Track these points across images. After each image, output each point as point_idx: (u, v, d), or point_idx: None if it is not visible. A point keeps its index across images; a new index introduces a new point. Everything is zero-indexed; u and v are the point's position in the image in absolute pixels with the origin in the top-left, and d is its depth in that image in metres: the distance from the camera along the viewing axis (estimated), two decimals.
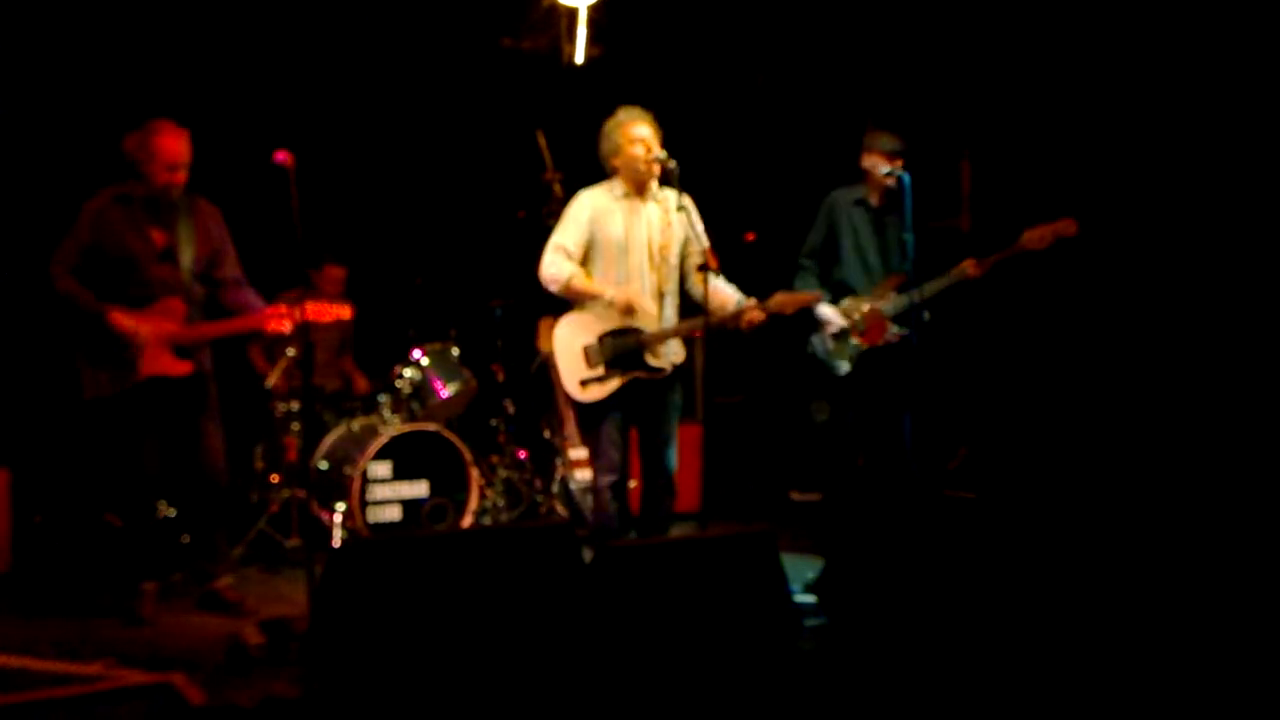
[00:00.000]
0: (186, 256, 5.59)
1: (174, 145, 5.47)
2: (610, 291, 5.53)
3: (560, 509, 7.43)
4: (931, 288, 6.17)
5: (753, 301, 5.56)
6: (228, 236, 5.75)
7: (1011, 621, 4.84)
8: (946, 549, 5.09)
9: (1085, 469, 6.87)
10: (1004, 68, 7.50)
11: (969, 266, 6.06)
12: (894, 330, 6.30)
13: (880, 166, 6.21)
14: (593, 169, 5.80)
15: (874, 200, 6.42)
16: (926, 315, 6.17)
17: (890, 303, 6.31)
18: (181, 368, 5.53)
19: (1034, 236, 5.97)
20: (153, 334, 5.46)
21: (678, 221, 5.63)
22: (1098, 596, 5.06)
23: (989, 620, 4.84)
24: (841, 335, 6.34)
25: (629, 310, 5.51)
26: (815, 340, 6.49)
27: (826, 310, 6.29)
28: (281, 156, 5.04)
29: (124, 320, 5.39)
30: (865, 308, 5.83)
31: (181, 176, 5.53)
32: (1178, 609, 5.07)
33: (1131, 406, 6.76)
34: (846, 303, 6.26)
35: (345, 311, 5.62)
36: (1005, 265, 6.12)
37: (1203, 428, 6.43)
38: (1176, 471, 6.40)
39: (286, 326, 5.53)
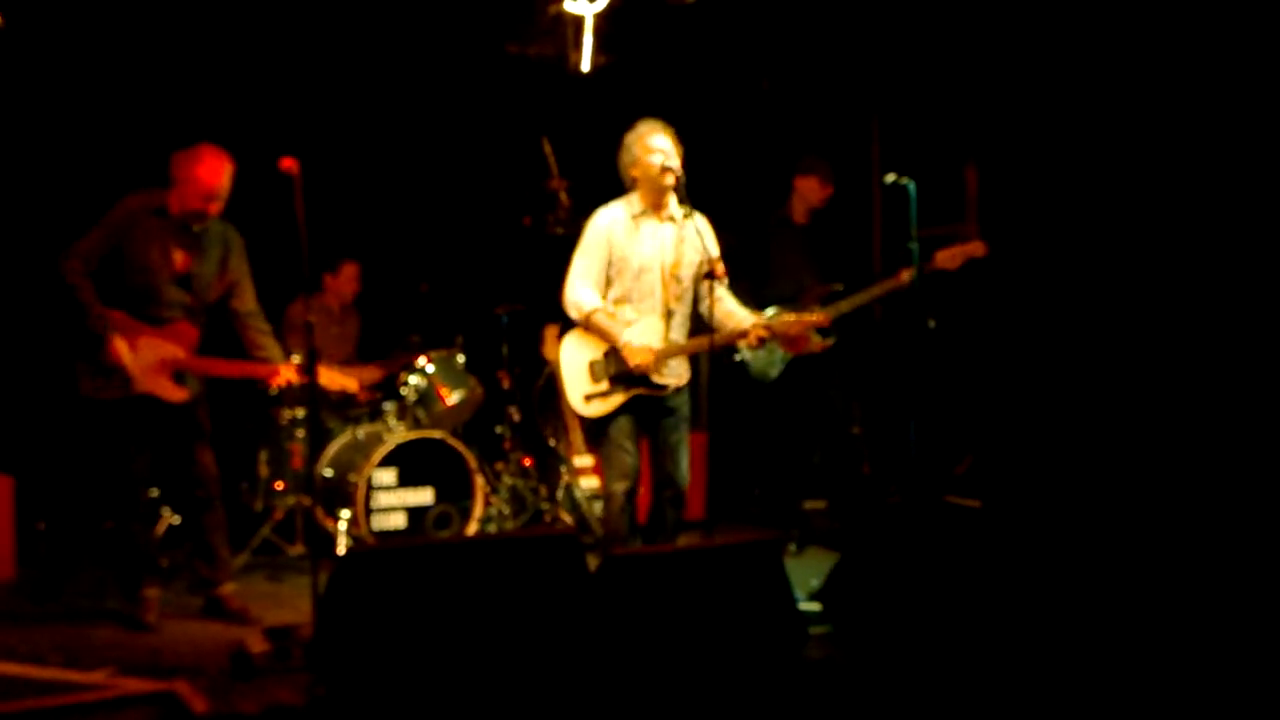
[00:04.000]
0: (204, 284, 5.58)
1: (214, 178, 5.44)
2: (625, 338, 5.51)
3: (565, 517, 7.42)
4: (860, 299, 6.40)
5: (760, 320, 5.55)
6: (248, 270, 5.74)
7: (1017, 630, 4.83)
8: (952, 557, 5.08)
9: (1091, 478, 6.85)
10: (1010, 74, 7.49)
11: (902, 275, 6.29)
12: (818, 340, 6.56)
13: (816, 193, 6.93)
14: (597, 177, 5.78)
15: (800, 219, 6.99)
16: (932, 323, 6.20)
17: (815, 315, 6.50)
18: (178, 394, 5.52)
19: (945, 256, 6.31)
20: (155, 358, 5.45)
21: (691, 238, 5.60)
22: (1103, 605, 5.04)
23: (994, 628, 4.83)
24: (765, 346, 6.51)
25: (640, 366, 5.49)
26: (743, 348, 6.67)
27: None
28: (287, 164, 5.03)
29: (120, 351, 5.39)
30: (790, 318, 5.87)
31: (216, 208, 5.52)
32: (1182, 618, 5.06)
33: (1139, 417, 6.74)
34: (772, 314, 6.47)
35: (351, 384, 5.62)
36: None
37: (1210, 439, 6.40)
38: (1184, 482, 6.38)
39: (287, 381, 5.53)
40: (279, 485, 7.05)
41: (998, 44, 7.52)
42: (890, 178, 6.10)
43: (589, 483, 7.36)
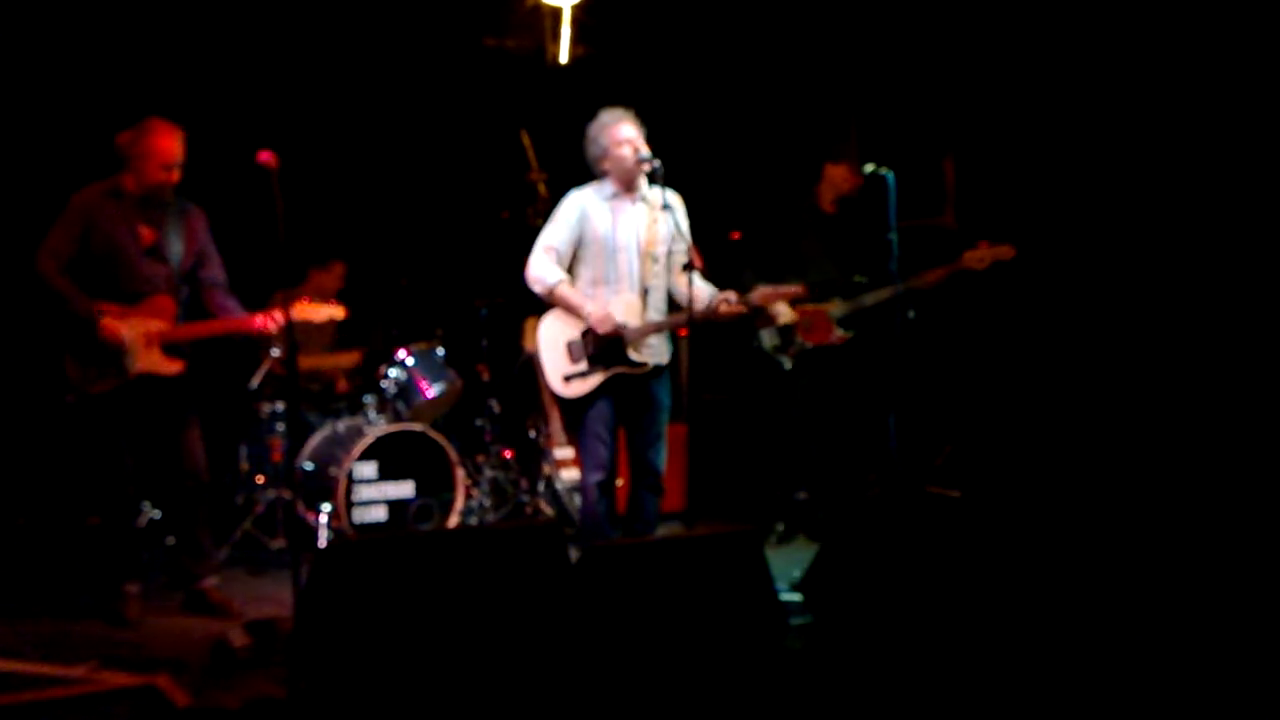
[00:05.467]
0: (175, 254, 5.58)
1: (169, 145, 5.47)
2: (590, 307, 5.53)
3: (546, 509, 7.42)
4: (884, 294, 6.41)
5: (731, 295, 5.56)
6: (212, 240, 5.75)
7: (997, 619, 4.85)
8: (932, 547, 5.10)
9: (1071, 467, 6.89)
10: (988, 65, 7.51)
11: (928, 276, 6.29)
12: (839, 333, 6.56)
13: (848, 181, 6.89)
14: (577, 169, 5.79)
15: (828, 208, 6.86)
16: (911, 314, 6.23)
17: (836, 306, 6.52)
18: (172, 366, 5.52)
19: (974, 257, 6.34)
20: (143, 333, 5.44)
21: (663, 219, 5.63)
22: (1083, 594, 5.07)
23: (975, 618, 4.85)
24: (786, 331, 6.52)
25: (610, 332, 5.50)
26: (763, 334, 6.68)
27: (778, 304, 6.44)
28: (265, 157, 5.02)
29: (114, 328, 5.37)
30: (766, 290, 5.86)
31: (175, 176, 5.53)
32: (1163, 605, 5.09)
33: (1116, 406, 6.77)
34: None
35: (339, 311, 5.62)
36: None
37: (1188, 424, 6.44)
38: (1163, 471, 6.42)
39: (272, 326, 5.53)
40: (259, 479, 7.03)
41: (975, 36, 7.55)
42: (869, 168, 6.12)
43: (570, 474, 7.36)
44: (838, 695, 4.50)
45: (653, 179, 5.61)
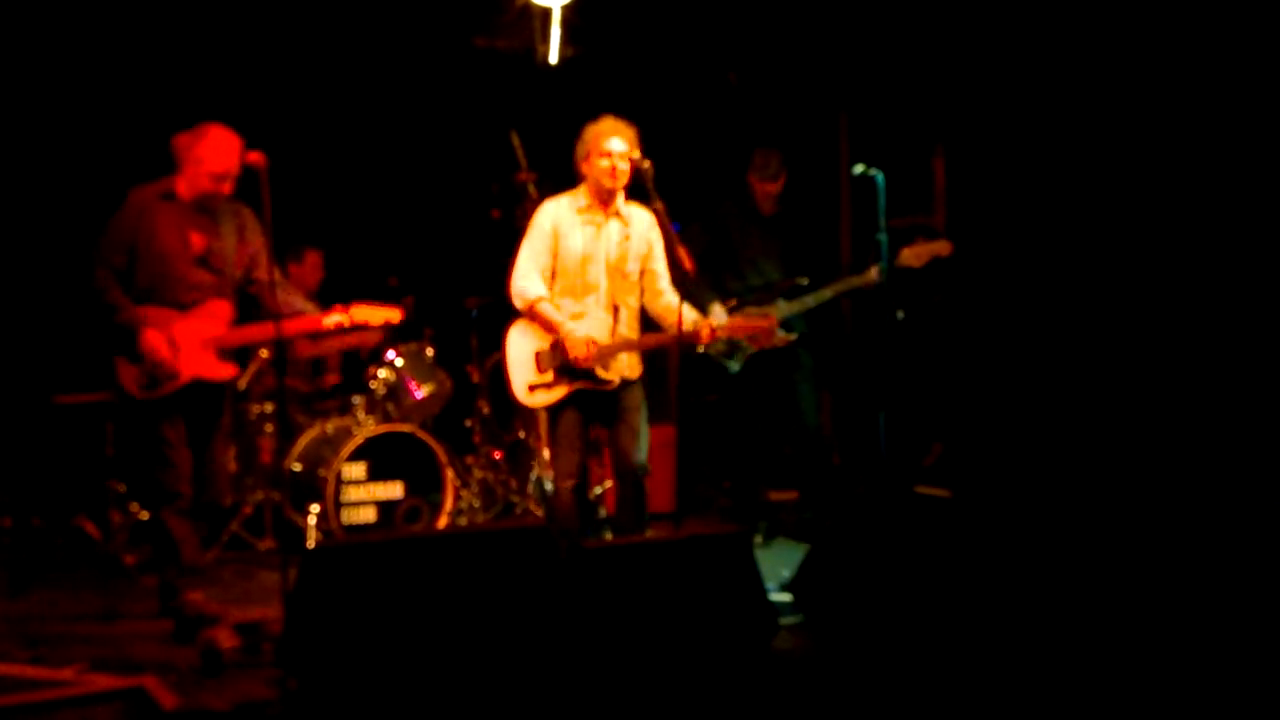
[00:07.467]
0: (227, 262, 5.53)
1: (223, 155, 5.36)
2: (567, 327, 5.49)
3: (536, 509, 7.41)
4: (826, 293, 6.43)
5: (705, 321, 5.54)
6: (263, 242, 5.58)
7: (987, 619, 4.85)
8: (922, 547, 5.10)
9: (1060, 466, 6.89)
10: (977, 63, 7.51)
11: (871, 273, 6.31)
12: (782, 334, 6.57)
13: (757, 187, 6.82)
14: (567, 169, 5.78)
15: (765, 210, 6.88)
16: (900, 314, 6.23)
17: (778, 309, 6.53)
18: (225, 371, 5.50)
19: (910, 254, 6.35)
20: (196, 340, 5.40)
21: (637, 235, 5.60)
22: (1072, 594, 5.07)
23: (964, 618, 4.85)
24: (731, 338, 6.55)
25: (584, 358, 5.47)
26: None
27: (717, 310, 6.46)
28: (254, 157, 5.00)
29: (157, 344, 5.32)
30: (737, 321, 5.88)
31: (227, 187, 5.45)
32: (1153, 603, 5.10)
33: (1105, 405, 6.78)
34: (718, 312, 6.54)
35: (395, 315, 5.58)
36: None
37: (1179, 422, 6.45)
38: (1152, 467, 6.43)
39: (339, 324, 5.46)
40: (248, 480, 7.02)
41: (965, 35, 7.55)
42: (859, 168, 6.12)
43: None
44: (827, 695, 4.50)
45: (640, 181, 5.56)
